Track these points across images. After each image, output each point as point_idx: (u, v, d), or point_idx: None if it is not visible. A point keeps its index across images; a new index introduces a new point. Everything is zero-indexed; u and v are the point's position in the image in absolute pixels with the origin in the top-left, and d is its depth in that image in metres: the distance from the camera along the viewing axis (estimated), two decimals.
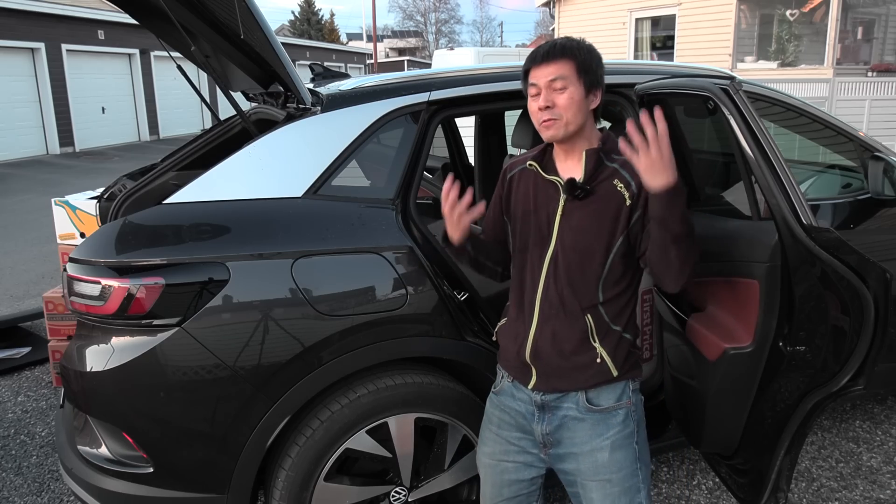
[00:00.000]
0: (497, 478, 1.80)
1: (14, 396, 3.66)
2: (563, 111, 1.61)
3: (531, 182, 1.75)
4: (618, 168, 1.66)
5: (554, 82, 1.61)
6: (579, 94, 1.62)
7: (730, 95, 1.93)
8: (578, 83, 1.61)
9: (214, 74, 2.93)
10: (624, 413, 1.69)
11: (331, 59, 29.91)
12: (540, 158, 1.74)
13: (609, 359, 1.67)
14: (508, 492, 1.79)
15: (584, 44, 1.66)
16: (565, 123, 1.62)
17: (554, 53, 1.62)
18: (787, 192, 1.85)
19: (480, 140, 3.59)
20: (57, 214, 3.40)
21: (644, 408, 1.80)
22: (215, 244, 1.89)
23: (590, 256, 1.65)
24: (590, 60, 1.63)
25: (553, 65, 1.61)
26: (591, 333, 1.67)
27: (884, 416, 3.24)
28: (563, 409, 1.70)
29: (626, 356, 1.70)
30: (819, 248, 1.82)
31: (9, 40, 14.12)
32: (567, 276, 1.66)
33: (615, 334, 1.69)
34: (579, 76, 1.61)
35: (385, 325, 1.99)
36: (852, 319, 1.86)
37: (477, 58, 10.79)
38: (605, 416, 1.68)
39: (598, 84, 1.66)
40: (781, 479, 1.99)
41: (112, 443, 1.98)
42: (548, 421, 1.71)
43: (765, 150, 1.87)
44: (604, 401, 1.69)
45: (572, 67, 1.61)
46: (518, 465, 1.77)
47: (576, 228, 1.65)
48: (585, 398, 1.68)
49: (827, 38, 10.48)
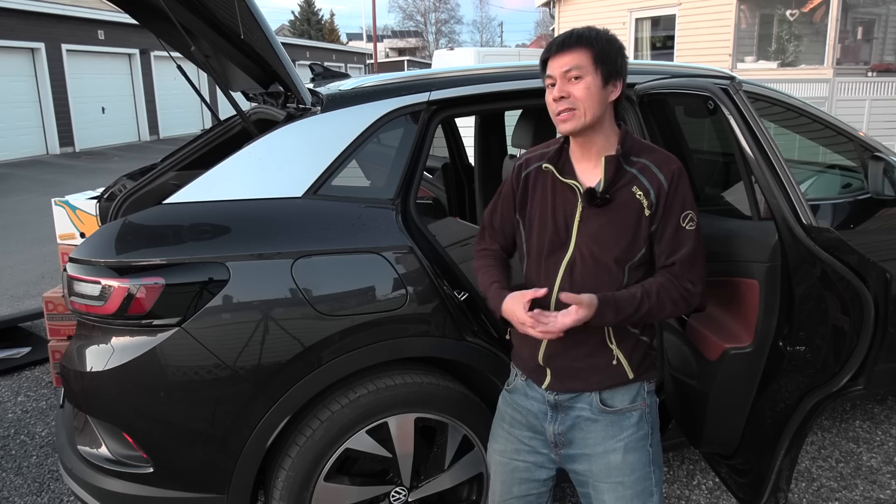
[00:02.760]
0: (507, 476, 1.78)
1: (14, 396, 3.66)
2: (578, 102, 1.55)
3: (548, 183, 1.68)
4: (636, 174, 1.61)
5: (569, 72, 1.55)
6: (596, 84, 1.56)
7: (730, 95, 1.93)
8: (595, 73, 1.55)
9: (214, 74, 2.93)
10: (638, 415, 1.67)
11: (331, 59, 29.91)
12: (556, 159, 1.67)
13: (625, 361, 1.64)
14: (518, 490, 1.77)
15: (604, 33, 1.60)
16: (582, 114, 1.56)
17: (570, 43, 1.56)
18: (787, 192, 1.85)
19: (480, 140, 3.59)
20: (57, 214, 3.40)
21: None
22: (215, 244, 1.89)
23: (608, 267, 1.60)
24: (608, 50, 1.57)
25: (568, 54, 1.56)
26: (608, 336, 1.63)
27: (884, 416, 3.24)
28: (576, 410, 1.67)
29: (642, 358, 1.67)
30: (819, 248, 1.82)
31: (9, 40, 14.13)
32: (583, 284, 1.60)
33: (632, 337, 1.65)
34: (596, 66, 1.55)
35: (385, 325, 1.99)
36: (852, 319, 1.85)
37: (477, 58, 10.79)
38: (619, 418, 1.66)
39: (617, 74, 1.59)
40: (781, 479, 1.99)
41: (112, 443, 1.98)
42: (560, 420, 1.68)
43: (765, 150, 1.87)
44: (618, 402, 1.66)
45: (588, 57, 1.55)
46: (529, 465, 1.75)
47: (595, 238, 1.60)
48: (599, 399, 1.65)
49: (827, 38, 10.48)
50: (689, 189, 1.63)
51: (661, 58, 12.49)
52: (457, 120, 4.02)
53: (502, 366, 2.15)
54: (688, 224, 1.62)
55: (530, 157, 1.75)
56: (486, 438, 2.17)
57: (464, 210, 3.95)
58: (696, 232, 1.63)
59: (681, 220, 1.61)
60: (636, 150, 1.63)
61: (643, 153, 1.64)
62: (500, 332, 2.16)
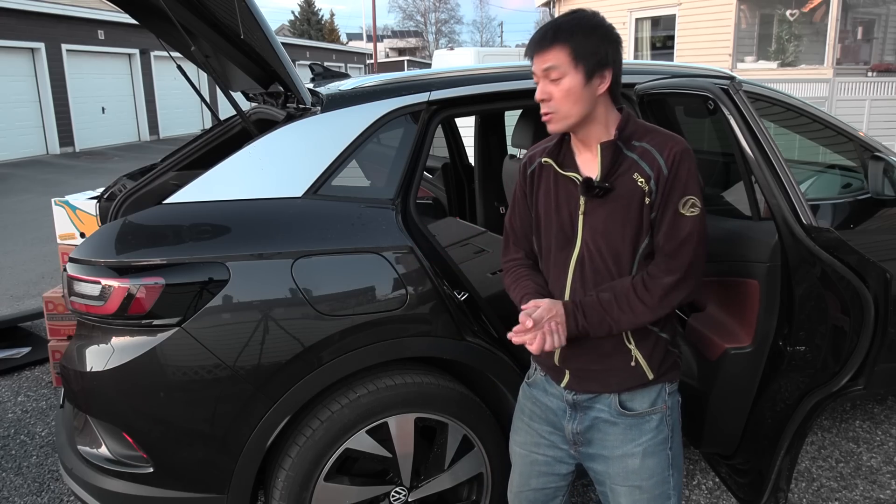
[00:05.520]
0: (526, 468, 1.76)
1: (14, 396, 3.66)
2: (558, 104, 1.49)
3: (550, 178, 1.61)
4: (636, 159, 1.50)
5: (549, 72, 1.48)
6: (577, 83, 1.46)
7: (730, 95, 1.93)
8: (575, 71, 1.46)
9: (214, 74, 2.93)
10: (658, 418, 1.59)
11: (331, 59, 29.92)
12: (556, 153, 1.60)
13: (644, 362, 1.56)
14: (536, 483, 1.75)
15: (585, 21, 1.48)
16: (563, 117, 1.50)
17: (545, 41, 1.48)
18: (787, 192, 1.85)
19: (480, 140, 3.59)
20: (57, 214, 3.40)
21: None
22: (215, 244, 1.89)
23: (618, 259, 1.52)
24: (586, 43, 1.46)
25: (545, 54, 1.47)
26: (625, 335, 1.55)
27: (884, 416, 3.24)
28: (594, 411, 1.61)
29: (662, 357, 1.58)
30: (819, 248, 1.83)
31: (9, 40, 14.13)
32: (595, 280, 1.54)
33: (652, 335, 1.57)
34: (576, 63, 1.46)
35: (385, 325, 1.99)
36: (852, 319, 1.85)
37: (477, 58, 10.80)
38: (639, 421, 1.58)
39: (603, 65, 1.48)
40: (781, 479, 1.99)
41: (112, 443, 1.98)
42: (579, 420, 1.63)
43: (765, 150, 1.88)
44: (638, 405, 1.58)
45: (566, 54, 1.46)
46: (548, 459, 1.72)
47: (601, 230, 1.52)
48: (619, 401, 1.58)
49: (827, 38, 10.47)
50: (694, 172, 1.50)
51: (661, 58, 12.49)
52: (457, 120, 4.03)
53: (502, 366, 2.15)
54: (689, 209, 1.48)
55: (533, 153, 1.69)
56: (486, 438, 2.18)
57: (464, 210, 3.95)
58: (698, 220, 1.49)
59: (680, 205, 1.48)
60: (639, 134, 1.52)
61: (646, 136, 1.52)
62: (500, 332, 2.16)
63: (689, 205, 1.48)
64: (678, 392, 1.66)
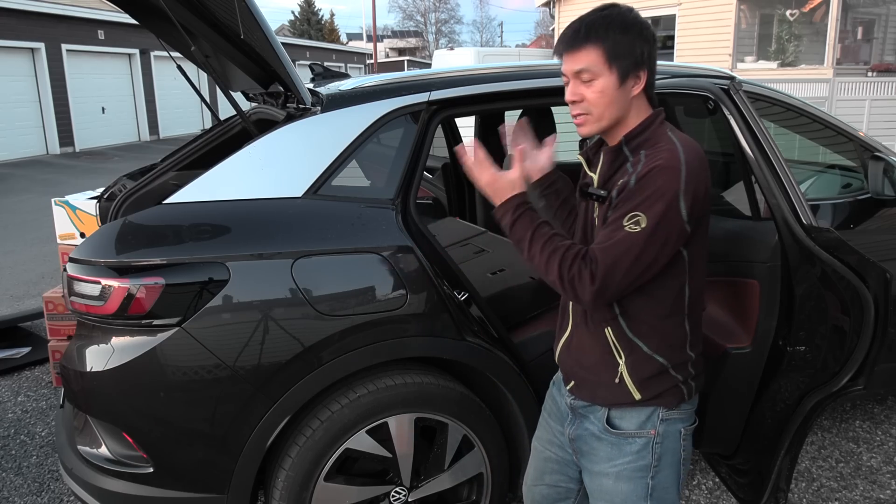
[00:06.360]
0: (540, 464, 1.77)
1: (14, 396, 3.66)
2: (592, 106, 1.42)
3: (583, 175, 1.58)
4: (629, 167, 1.41)
5: (580, 74, 1.41)
6: (611, 84, 1.39)
7: (730, 95, 1.94)
8: (609, 72, 1.39)
9: (214, 74, 2.93)
10: (643, 443, 1.50)
11: (331, 59, 29.91)
12: (593, 149, 1.54)
13: (629, 379, 1.49)
14: (549, 479, 1.76)
15: (619, 19, 1.39)
16: (597, 119, 1.43)
17: (578, 39, 1.40)
18: (787, 192, 1.85)
19: (480, 140, 3.59)
20: (57, 214, 3.40)
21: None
22: (215, 244, 1.89)
23: None
24: (622, 41, 1.38)
25: (577, 53, 1.40)
26: (613, 348, 1.50)
27: (884, 416, 3.24)
28: (588, 422, 1.58)
29: (651, 378, 1.48)
30: (819, 248, 1.83)
31: (9, 40, 14.13)
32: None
33: (640, 353, 1.48)
34: (610, 64, 1.38)
35: (385, 324, 1.99)
36: (852, 319, 1.86)
37: (477, 58, 10.80)
38: (621, 441, 1.52)
39: (639, 65, 1.40)
40: (781, 479, 1.99)
41: (112, 443, 1.98)
42: (575, 427, 1.63)
43: (765, 150, 1.88)
44: (626, 424, 1.52)
45: (599, 55, 1.38)
46: (560, 458, 1.72)
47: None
48: (607, 416, 1.54)
49: (827, 38, 10.48)
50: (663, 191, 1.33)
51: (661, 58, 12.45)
52: (457, 120, 4.02)
53: (502, 366, 2.15)
54: (630, 225, 1.33)
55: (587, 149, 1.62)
56: (486, 438, 2.18)
57: (464, 210, 3.95)
58: (634, 238, 1.32)
59: (624, 218, 1.34)
60: (651, 142, 1.43)
61: (654, 146, 1.42)
62: (500, 332, 2.16)
63: (632, 220, 1.34)
64: (683, 423, 1.54)
